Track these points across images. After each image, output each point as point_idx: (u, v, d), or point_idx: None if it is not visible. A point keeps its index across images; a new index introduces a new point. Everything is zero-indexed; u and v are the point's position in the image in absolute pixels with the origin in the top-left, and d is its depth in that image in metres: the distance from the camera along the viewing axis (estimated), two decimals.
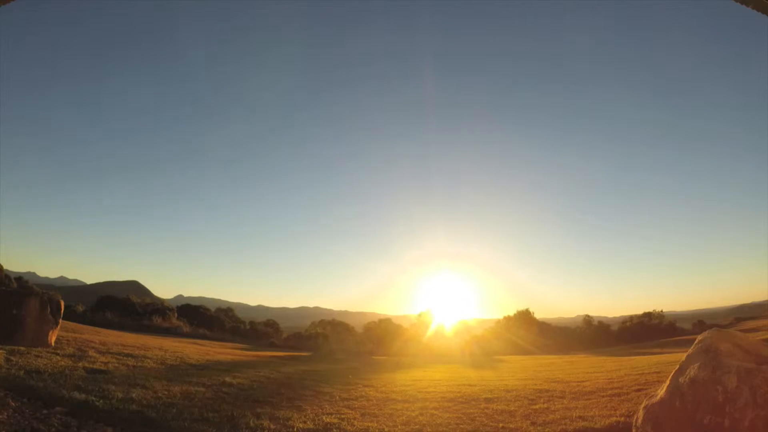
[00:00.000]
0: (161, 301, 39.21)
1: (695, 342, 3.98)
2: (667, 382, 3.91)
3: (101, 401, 5.05)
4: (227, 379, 7.88)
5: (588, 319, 39.65)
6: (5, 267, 32.12)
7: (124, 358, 8.99)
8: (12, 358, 7.03)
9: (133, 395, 5.53)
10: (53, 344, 9.14)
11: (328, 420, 5.41)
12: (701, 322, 38.53)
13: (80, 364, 7.39)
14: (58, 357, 7.83)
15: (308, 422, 5.22)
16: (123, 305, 31.53)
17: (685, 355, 3.96)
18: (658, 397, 3.89)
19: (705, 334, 4.01)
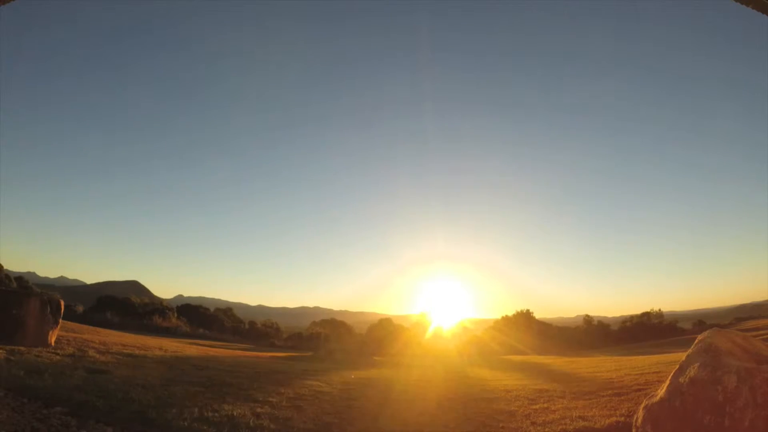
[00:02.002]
0: (161, 300, 39.24)
1: (695, 342, 3.98)
2: (667, 381, 3.91)
3: (101, 401, 5.05)
4: (227, 378, 7.87)
5: (588, 319, 39.66)
6: (5, 267, 32.11)
7: (124, 358, 8.99)
8: (12, 358, 7.03)
9: (133, 395, 5.53)
10: (53, 344, 9.14)
11: (328, 420, 5.41)
12: (701, 322, 38.53)
13: (80, 364, 7.38)
14: (58, 357, 7.83)
15: (309, 422, 5.22)
16: (123, 305, 31.56)
17: (685, 355, 3.96)
18: (658, 397, 3.89)
19: (705, 333, 4.00)
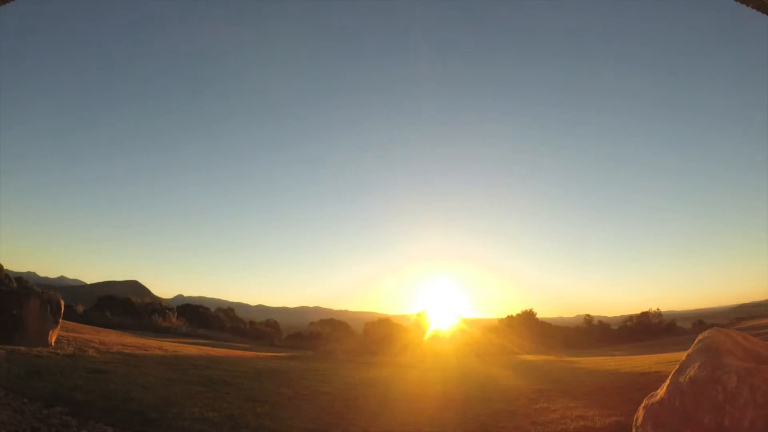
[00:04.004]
0: (161, 300, 39.27)
1: (695, 341, 3.97)
2: (667, 381, 3.91)
3: (102, 401, 5.05)
4: (227, 378, 7.88)
5: (588, 319, 39.72)
6: (5, 267, 32.12)
7: (124, 357, 8.99)
8: (12, 357, 7.02)
9: (133, 395, 5.53)
10: (53, 344, 9.14)
11: (328, 419, 5.41)
12: (701, 321, 38.57)
13: (80, 364, 7.38)
14: (58, 357, 7.83)
15: (308, 422, 5.22)
16: (123, 305, 31.56)
17: (685, 354, 3.96)
18: (658, 397, 3.89)
19: (705, 333, 4.00)
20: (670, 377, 3.91)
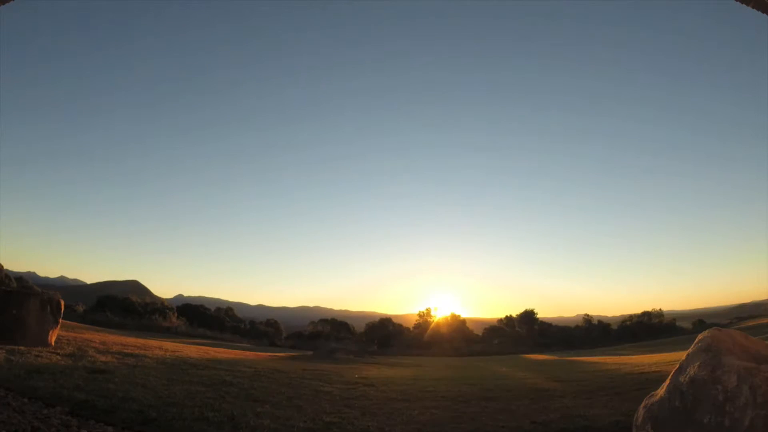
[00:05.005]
0: (161, 300, 39.24)
1: (695, 341, 3.97)
2: (667, 381, 3.91)
3: (102, 401, 5.05)
4: (227, 378, 7.88)
5: (588, 319, 39.75)
6: (5, 267, 32.13)
7: (124, 357, 9.00)
8: (12, 357, 7.03)
9: (134, 395, 5.53)
10: (53, 344, 9.14)
11: (328, 419, 5.41)
12: (701, 321, 38.67)
13: (80, 364, 7.39)
14: (58, 357, 7.84)
15: (308, 422, 5.22)
16: (123, 305, 31.58)
17: (685, 354, 3.96)
18: (658, 396, 3.89)
19: (705, 333, 4.00)
20: (670, 377, 3.91)
